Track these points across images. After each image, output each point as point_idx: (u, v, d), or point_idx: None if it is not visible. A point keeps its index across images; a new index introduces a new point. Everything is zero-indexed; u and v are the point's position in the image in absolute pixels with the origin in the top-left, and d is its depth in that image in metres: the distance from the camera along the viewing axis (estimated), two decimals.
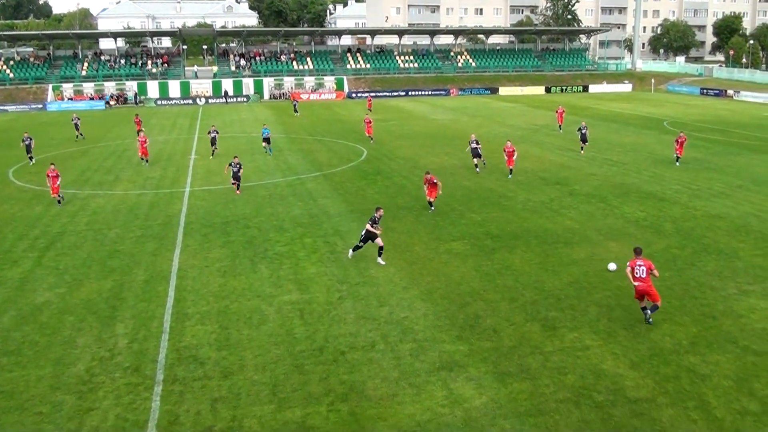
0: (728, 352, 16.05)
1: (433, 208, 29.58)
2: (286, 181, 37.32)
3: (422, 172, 38.39)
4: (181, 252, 24.82)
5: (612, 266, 19.20)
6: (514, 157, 36.57)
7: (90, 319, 19.20)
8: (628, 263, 17.81)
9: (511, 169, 36.81)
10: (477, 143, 38.32)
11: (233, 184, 34.37)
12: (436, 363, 15.85)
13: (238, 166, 34.06)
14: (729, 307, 18.61)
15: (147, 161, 43.64)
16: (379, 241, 22.62)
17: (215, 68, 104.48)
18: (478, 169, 38.24)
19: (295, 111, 73.17)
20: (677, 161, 40.18)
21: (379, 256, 22.87)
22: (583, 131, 45.02)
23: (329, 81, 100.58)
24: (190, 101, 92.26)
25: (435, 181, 29.02)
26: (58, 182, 32.92)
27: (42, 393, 15.36)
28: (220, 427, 13.66)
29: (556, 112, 58.66)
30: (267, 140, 46.84)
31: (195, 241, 26.16)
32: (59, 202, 32.98)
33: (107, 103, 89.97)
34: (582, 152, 44.43)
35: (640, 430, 13.03)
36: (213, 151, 46.37)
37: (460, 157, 43.20)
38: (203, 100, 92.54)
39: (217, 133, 47.41)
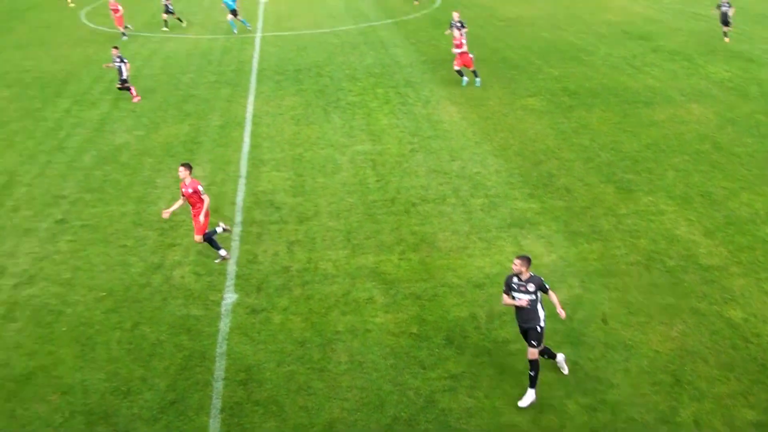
0: None
1: None
2: (357, 28, 36.52)
3: (499, 21, 37.01)
4: (255, 99, 25.02)
5: None
6: (465, 51, 25.71)
7: (168, 161, 19.84)
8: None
9: (474, 72, 26.19)
10: (462, 25, 26.91)
11: (119, 88, 25.74)
12: (507, 219, 15.95)
13: (119, 60, 25.08)
14: None
15: (125, 33, 35.79)
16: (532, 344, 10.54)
17: None
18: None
19: None
20: None
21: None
22: (724, 8, 31.56)
23: None
24: None
25: None
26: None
27: (125, 228, 16.27)
28: (297, 267, 14.28)
29: None
30: (234, 12, 35.75)
31: (268, 88, 26.24)
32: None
33: None
34: (726, 39, 32.14)
35: (710, 296, 13.00)
36: (177, 19, 37.43)
37: (539, 6, 41.27)
38: None
39: None
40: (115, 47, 25.37)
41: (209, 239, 14.42)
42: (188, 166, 14.23)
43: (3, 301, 13.74)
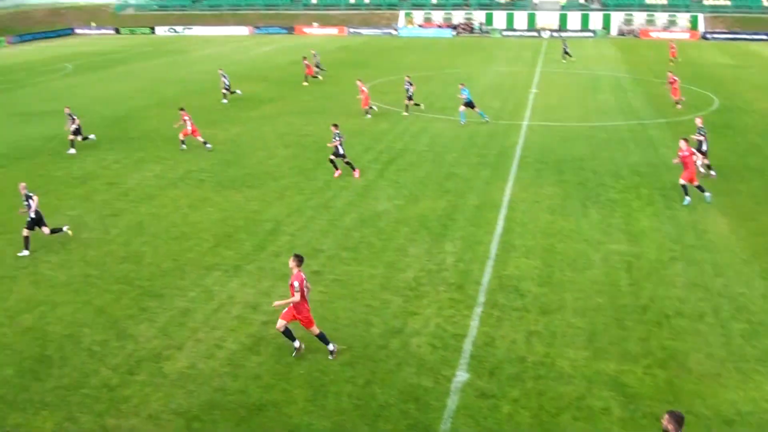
0: None
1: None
2: (627, 124, 35.59)
3: None
4: (514, 184, 25.23)
5: None
6: (697, 163, 23.59)
7: (422, 233, 20.58)
8: None
9: (697, 186, 23.29)
10: (702, 134, 25.84)
11: (333, 159, 26.64)
12: None
13: (338, 137, 26.27)
14: None
15: (368, 112, 37.99)
16: None
17: (564, 0, 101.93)
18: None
19: (566, 54, 62.68)
20: None
21: None
22: None
23: (683, 18, 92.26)
24: (535, 33, 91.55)
25: None
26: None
27: (372, 289, 17.04)
28: (533, 360, 13.89)
29: None
30: (470, 104, 35.27)
31: (528, 175, 26.37)
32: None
33: (455, 27, 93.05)
34: None
35: None
36: (410, 104, 38.47)
37: None
38: (548, 33, 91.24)
39: (411, 85, 38.50)
40: (335, 125, 26.82)
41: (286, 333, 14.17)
42: (298, 259, 13.95)
43: (251, 335, 14.98)
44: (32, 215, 19.94)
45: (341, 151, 26.25)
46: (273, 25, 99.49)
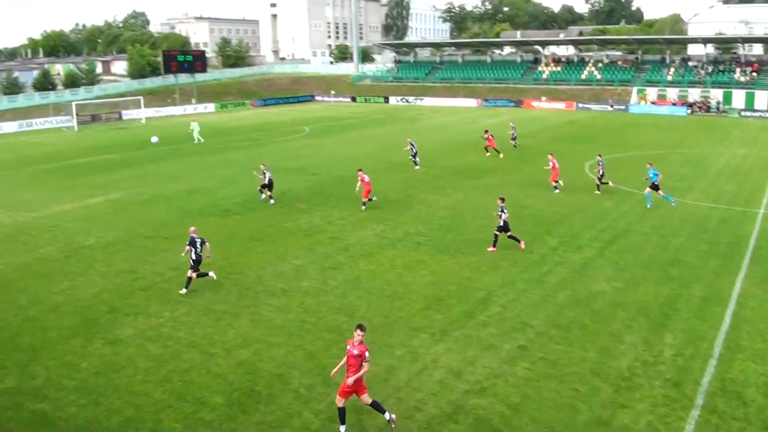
0: None
1: None
2: None
3: None
4: (745, 277, 23.14)
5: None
6: None
7: (640, 320, 19.51)
8: None
9: None
10: None
11: (507, 236, 26.36)
12: None
13: (501, 211, 25.96)
14: None
15: (557, 187, 37.36)
16: None
17: None
18: None
19: None
20: None
21: None
22: None
23: None
24: None
25: None
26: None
27: (582, 373, 16.39)
28: None
29: None
30: (655, 186, 33.05)
31: (762, 269, 24.03)
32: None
33: (690, 105, 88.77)
34: None
35: None
36: (605, 183, 37.08)
37: None
38: None
39: (602, 165, 36.96)
40: (501, 198, 26.55)
41: (376, 405, 14.14)
42: (364, 329, 13.86)
43: (451, 401, 14.99)
44: (194, 257, 21.82)
45: (502, 224, 26.13)
46: (501, 98, 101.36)
